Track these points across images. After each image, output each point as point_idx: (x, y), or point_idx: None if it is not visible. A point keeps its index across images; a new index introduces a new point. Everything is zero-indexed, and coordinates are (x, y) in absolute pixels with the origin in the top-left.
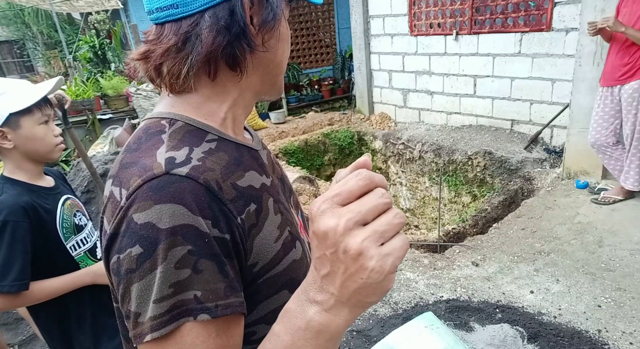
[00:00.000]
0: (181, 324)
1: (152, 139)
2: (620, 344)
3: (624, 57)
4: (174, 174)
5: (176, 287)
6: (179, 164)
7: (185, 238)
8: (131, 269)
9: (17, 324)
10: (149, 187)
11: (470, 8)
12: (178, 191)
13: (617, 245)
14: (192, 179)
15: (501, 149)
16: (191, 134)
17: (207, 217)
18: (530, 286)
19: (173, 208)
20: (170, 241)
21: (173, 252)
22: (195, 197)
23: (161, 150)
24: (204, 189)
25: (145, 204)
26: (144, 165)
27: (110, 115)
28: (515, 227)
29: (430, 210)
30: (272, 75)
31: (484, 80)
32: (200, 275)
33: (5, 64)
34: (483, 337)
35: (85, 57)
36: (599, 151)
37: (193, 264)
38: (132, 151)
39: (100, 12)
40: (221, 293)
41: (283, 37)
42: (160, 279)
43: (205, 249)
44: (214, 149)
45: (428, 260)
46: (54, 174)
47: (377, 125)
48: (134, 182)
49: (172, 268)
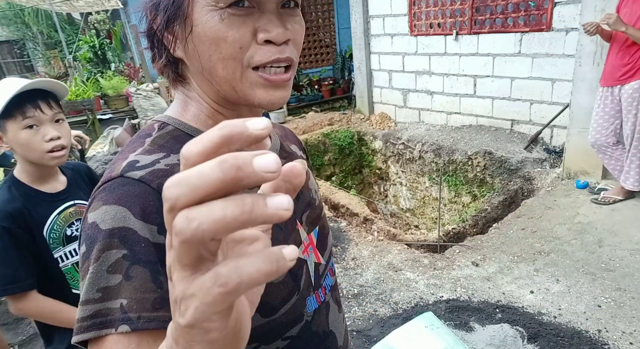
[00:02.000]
0: (102, 334)
1: (137, 141)
2: (620, 344)
3: (624, 57)
4: (127, 177)
5: (104, 292)
6: (137, 168)
7: (122, 241)
8: (80, 267)
9: (17, 324)
10: (104, 188)
11: (470, 8)
12: (126, 194)
13: (617, 245)
14: (144, 183)
15: (501, 149)
16: (177, 139)
17: (153, 223)
18: (530, 286)
19: (116, 210)
20: (106, 242)
21: (107, 254)
22: (143, 202)
23: (133, 153)
24: (156, 193)
25: (97, 204)
26: (113, 167)
27: (110, 115)
28: (515, 227)
29: (430, 210)
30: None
31: (484, 80)
32: (129, 282)
33: (5, 64)
34: (483, 337)
35: (85, 57)
36: (599, 151)
37: (125, 269)
38: (120, 152)
39: (100, 12)
40: (148, 305)
41: (201, 38)
42: (90, 279)
43: (140, 256)
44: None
45: (428, 260)
46: (75, 171)
47: (377, 125)
48: (100, 183)
49: (104, 271)
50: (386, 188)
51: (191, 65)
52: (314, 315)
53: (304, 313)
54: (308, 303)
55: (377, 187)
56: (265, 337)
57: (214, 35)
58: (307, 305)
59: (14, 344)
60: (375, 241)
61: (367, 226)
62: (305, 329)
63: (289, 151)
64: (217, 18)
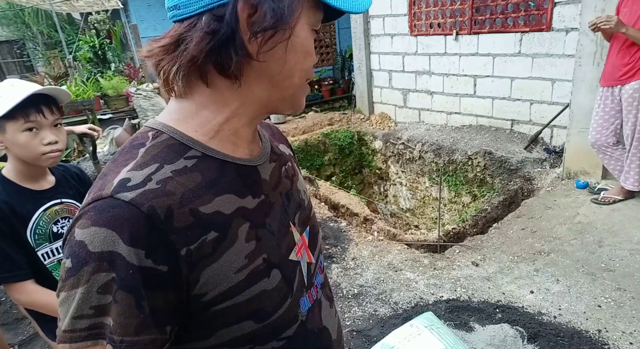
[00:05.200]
0: (98, 344)
1: (130, 152)
2: (620, 344)
3: (625, 57)
4: (117, 199)
5: (97, 309)
6: (129, 188)
7: (110, 265)
8: (62, 277)
9: (17, 324)
10: (93, 207)
11: (470, 8)
12: (116, 217)
13: (617, 245)
14: (134, 206)
15: (501, 149)
16: (171, 149)
17: (141, 248)
18: (530, 286)
19: (106, 233)
20: (96, 265)
21: (97, 276)
22: (132, 226)
23: (126, 168)
24: (145, 218)
25: (85, 222)
26: (105, 181)
27: (110, 115)
28: (515, 227)
29: (430, 210)
30: (280, 87)
31: (484, 80)
32: (116, 305)
33: (5, 64)
34: (483, 337)
35: (85, 57)
36: (599, 151)
37: (114, 292)
38: (113, 161)
39: (100, 12)
40: (131, 329)
41: (297, 48)
42: (80, 299)
43: (126, 281)
44: (189, 168)
45: (428, 260)
46: (65, 172)
47: (377, 125)
48: (88, 198)
49: (94, 292)
50: (386, 188)
51: (267, 68)
52: (308, 314)
53: (299, 314)
54: (302, 304)
55: (377, 187)
56: (259, 339)
57: (307, 49)
58: (301, 306)
59: (14, 344)
60: (375, 241)
61: (367, 226)
62: (301, 328)
63: (278, 152)
64: (310, 37)
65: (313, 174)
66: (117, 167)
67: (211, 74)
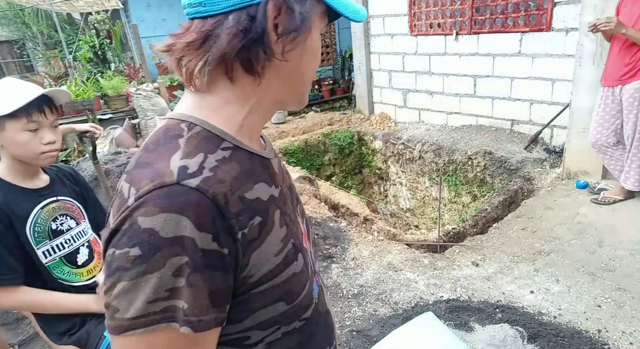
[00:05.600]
0: (171, 326)
1: (170, 142)
2: (620, 344)
3: (625, 57)
4: (184, 185)
5: (171, 292)
6: (191, 175)
7: (184, 249)
8: (124, 267)
9: (17, 324)
10: (159, 194)
11: (470, 8)
12: (185, 203)
13: (617, 245)
14: (201, 192)
15: (501, 149)
16: (207, 140)
17: (209, 232)
18: (530, 286)
19: (177, 219)
20: (170, 250)
21: (172, 261)
22: (200, 211)
23: (176, 156)
24: (211, 203)
25: (152, 210)
26: (157, 169)
27: (110, 115)
28: (515, 227)
29: (430, 210)
30: (294, 85)
31: (484, 80)
32: (190, 288)
33: (5, 64)
34: (483, 337)
35: (85, 57)
36: (599, 151)
37: (187, 275)
38: (150, 151)
39: (100, 12)
40: (204, 309)
41: (310, 50)
42: (157, 283)
43: (199, 264)
44: (227, 158)
45: (428, 260)
46: (59, 171)
47: (377, 125)
48: (145, 185)
49: (170, 275)
50: (386, 188)
51: (286, 68)
52: (318, 297)
53: (313, 296)
54: (314, 288)
55: (377, 187)
56: (286, 320)
57: (318, 52)
58: (313, 289)
59: (14, 344)
60: (375, 241)
61: (367, 226)
62: (315, 310)
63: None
64: (319, 39)
65: (313, 174)
66: (161, 156)
67: (237, 70)
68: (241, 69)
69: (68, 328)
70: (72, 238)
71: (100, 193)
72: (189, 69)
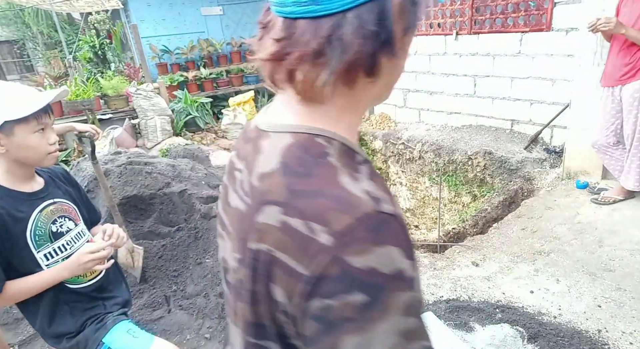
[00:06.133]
0: None
1: (322, 164)
2: (620, 344)
3: (625, 57)
4: (385, 213)
5: (407, 336)
6: (381, 200)
7: (406, 283)
8: (348, 318)
9: (17, 324)
10: (364, 227)
11: (470, 8)
12: (394, 232)
13: (617, 245)
14: (399, 218)
15: (501, 149)
16: (347, 155)
17: (413, 259)
18: (530, 286)
19: (390, 251)
20: (393, 286)
21: (398, 297)
22: (405, 238)
23: (345, 180)
24: (405, 227)
25: (364, 247)
26: (339, 198)
27: (110, 115)
28: (515, 227)
29: (430, 210)
30: (395, 81)
31: (484, 80)
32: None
33: (5, 64)
34: (483, 337)
35: (85, 57)
36: (599, 151)
37: (415, 311)
38: (303, 176)
39: (100, 12)
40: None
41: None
42: (390, 329)
43: (417, 294)
44: (370, 173)
45: (428, 260)
46: (51, 173)
47: (377, 125)
48: (340, 219)
49: (401, 316)
50: None
51: (395, 66)
52: None
53: None
54: None
55: None
56: None
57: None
58: None
59: (14, 344)
60: None
61: None
62: None
63: None
64: None
65: None
66: (325, 181)
67: (359, 75)
68: (363, 72)
69: (66, 332)
70: (73, 239)
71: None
72: (309, 80)
